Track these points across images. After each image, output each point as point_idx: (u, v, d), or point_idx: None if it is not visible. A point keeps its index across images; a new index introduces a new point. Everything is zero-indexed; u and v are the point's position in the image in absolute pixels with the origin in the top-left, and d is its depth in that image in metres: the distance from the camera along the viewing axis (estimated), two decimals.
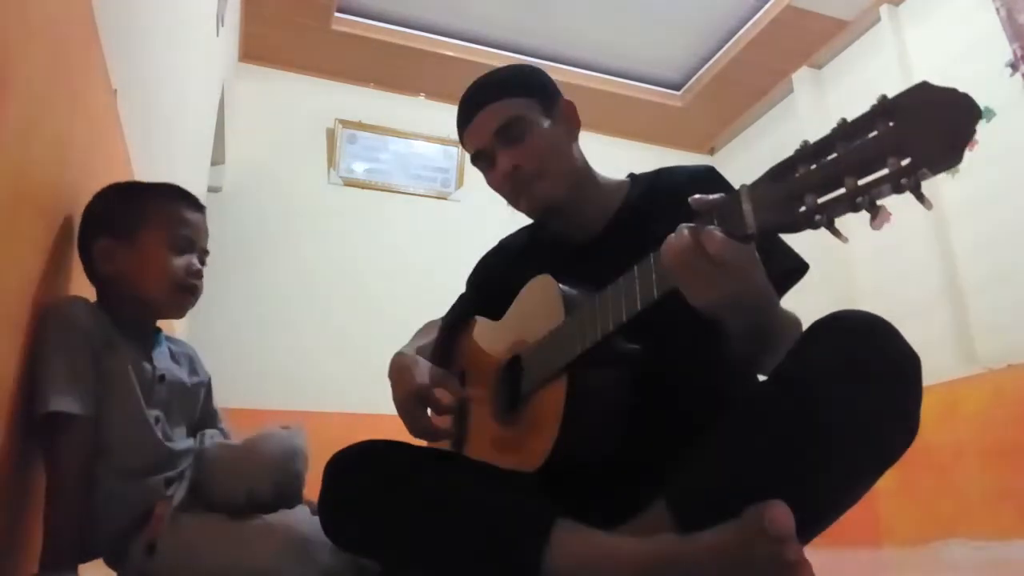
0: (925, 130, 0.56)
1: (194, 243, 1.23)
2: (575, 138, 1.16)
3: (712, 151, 5.15)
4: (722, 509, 0.75)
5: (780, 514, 0.70)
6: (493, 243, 1.37)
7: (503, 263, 1.29)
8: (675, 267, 0.76)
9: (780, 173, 0.67)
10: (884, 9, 3.76)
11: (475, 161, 1.17)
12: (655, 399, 0.93)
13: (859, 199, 0.59)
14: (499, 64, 1.17)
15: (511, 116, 1.09)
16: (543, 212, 1.12)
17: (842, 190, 0.61)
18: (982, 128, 3.19)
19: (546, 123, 1.11)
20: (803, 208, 0.64)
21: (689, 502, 0.81)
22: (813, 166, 0.64)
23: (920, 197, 0.57)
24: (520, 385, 1.03)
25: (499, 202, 1.18)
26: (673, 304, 0.78)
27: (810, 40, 4.06)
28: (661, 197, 1.10)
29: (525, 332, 1.06)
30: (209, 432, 1.27)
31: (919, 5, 3.66)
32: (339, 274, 4.01)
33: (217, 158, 3.73)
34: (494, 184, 1.15)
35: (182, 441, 1.21)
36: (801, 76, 4.27)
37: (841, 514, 0.82)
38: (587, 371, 0.91)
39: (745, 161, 4.75)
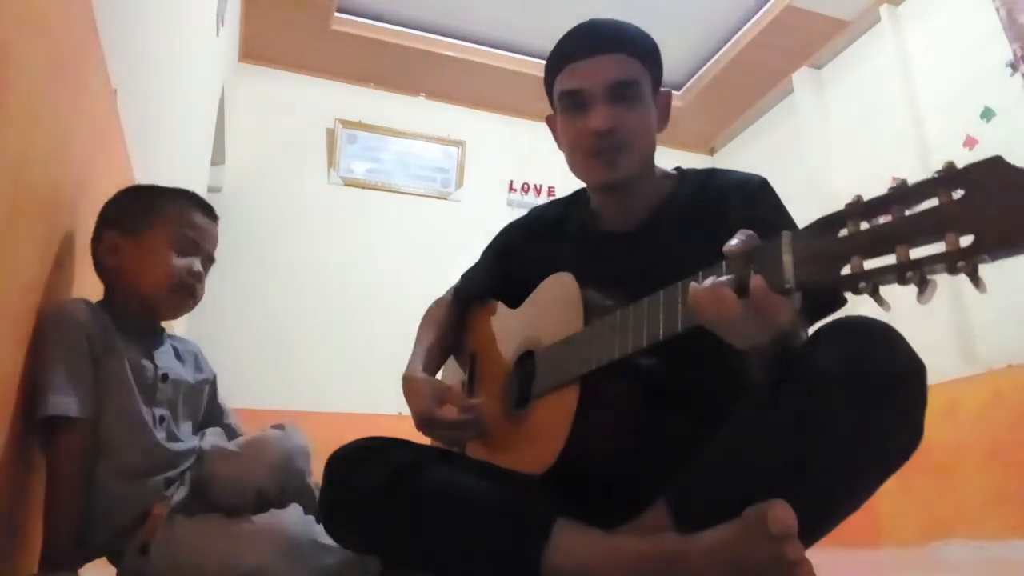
0: (992, 211, 0.52)
1: (198, 246, 1.24)
2: (661, 130, 1.11)
3: (712, 151, 5.15)
4: (722, 510, 0.75)
5: (782, 513, 0.70)
6: None
7: (532, 237, 1.24)
8: (708, 321, 0.73)
9: (826, 227, 0.63)
10: (884, 9, 3.76)
11: (563, 98, 1.07)
12: (666, 411, 0.93)
13: (909, 273, 0.55)
14: (498, 64, 1.16)
15: (633, 77, 1.04)
16: (611, 184, 1.07)
17: (892, 258, 0.57)
18: (982, 128, 3.19)
19: (651, 101, 1.08)
20: (847, 270, 0.60)
21: (690, 502, 0.81)
22: (864, 225, 0.60)
23: (976, 282, 0.53)
24: (530, 383, 1.03)
25: (499, 202, 1.17)
26: (698, 330, 0.76)
27: (810, 40, 4.06)
28: (708, 201, 1.06)
29: (541, 329, 1.05)
30: (210, 431, 1.27)
31: (919, 5, 3.65)
32: (339, 274, 4.01)
33: (217, 158, 3.72)
34: (573, 132, 1.07)
35: (187, 440, 1.21)
36: (801, 76, 4.27)
37: (844, 518, 0.82)
38: (600, 384, 0.90)
39: (745, 161, 4.75)
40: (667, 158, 1.13)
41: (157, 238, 1.20)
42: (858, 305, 0.92)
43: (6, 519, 1.02)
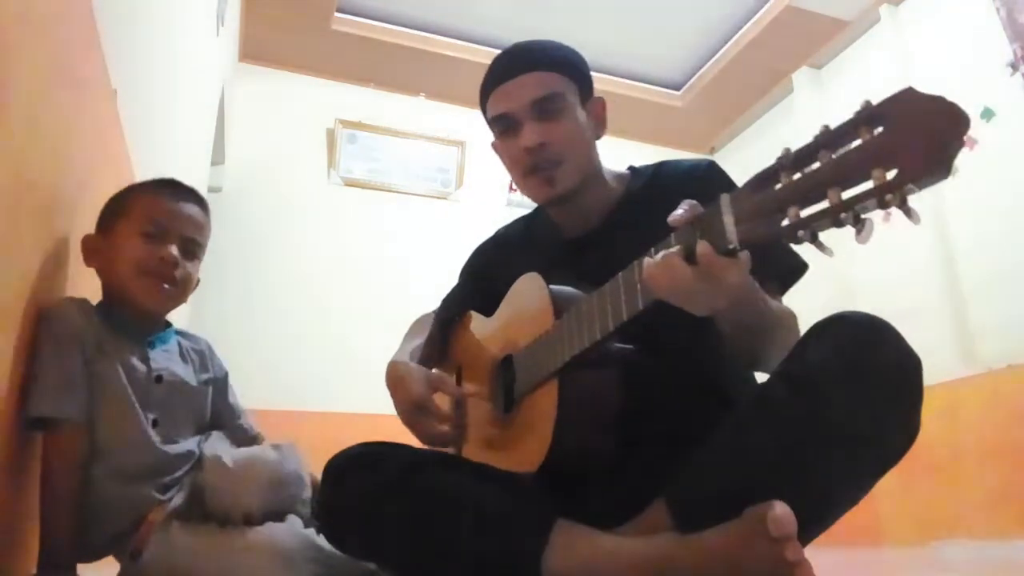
0: (911, 141, 0.53)
1: (168, 230, 1.18)
2: (599, 137, 1.13)
3: (712, 151, 5.15)
4: (721, 509, 0.75)
5: (782, 514, 0.70)
6: None
7: (500, 254, 1.27)
8: (664, 293, 0.75)
9: (762, 183, 0.65)
10: (884, 9, 3.76)
11: (495, 123, 1.11)
12: (650, 398, 0.93)
13: (843, 214, 0.57)
14: None
15: (554, 91, 1.06)
16: (553, 199, 1.09)
17: (825, 203, 0.58)
18: (982, 128, 3.19)
19: (580, 111, 1.09)
20: (786, 221, 0.61)
21: (689, 502, 0.81)
22: (796, 176, 0.61)
23: (908, 212, 0.54)
24: (514, 386, 1.03)
25: (499, 202, 1.17)
26: (663, 306, 0.78)
27: (810, 40, 4.06)
28: (660, 191, 1.08)
29: (516, 332, 1.05)
30: (214, 434, 1.25)
31: (919, 5, 3.66)
32: (339, 274, 4.01)
33: (217, 158, 3.72)
34: (510, 154, 1.10)
35: (185, 443, 1.19)
36: (801, 76, 4.27)
37: (840, 515, 0.82)
38: (578, 373, 0.90)
39: (745, 161, 4.74)
40: (667, 158, 1.14)
41: (125, 229, 1.17)
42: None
43: (5, 519, 1.02)
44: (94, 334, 1.10)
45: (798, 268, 1.00)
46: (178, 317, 1.34)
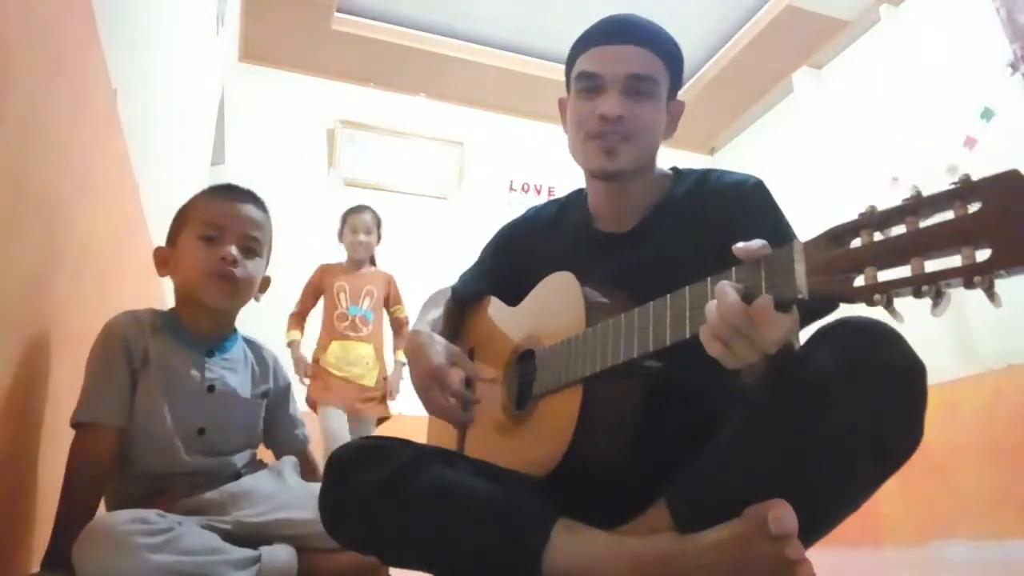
0: (1010, 225, 0.51)
1: (225, 230, 1.23)
2: (667, 137, 1.12)
3: (712, 151, 5.15)
4: (722, 510, 0.75)
5: (783, 512, 0.70)
6: None
7: (529, 236, 1.24)
8: (712, 346, 0.73)
9: (838, 237, 0.63)
10: (884, 9, 3.76)
11: (579, 79, 1.08)
12: (666, 410, 0.93)
13: (925, 287, 0.54)
14: (498, 64, 1.16)
15: (651, 74, 1.05)
16: (605, 171, 1.08)
17: (906, 271, 0.56)
18: (982, 128, 3.19)
19: (663, 105, 1.09)
20: (861, 281, 0.59)
21: (689, 502, 0.81)
22: (877, 236, 0.60)
23: (991, 297, 0.52)
24: (531, 383, 1.02)
25: (499, 202, 1.16)
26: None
27: (810, 40, 4.07)
28: (702, 202, 1.06)
29: (542, 328, 1.04)
30: (288, 461, 1.27)
31: (919, 5, 3.66)
32: None
33: (217, 158, 3.73)
34: (581, 114, 1.07)
35: (231, 452, 1.21)
36: (801, 76, 4.27)
37: (844, 518, 0.82)
38: (604, 385, 0.90)
39: (745, 161, 4.75)
40: (667, 158, 1.14)
41: (187, 236, 1.23)
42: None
43: (6, 519, 1.02)
44: (143, 345, 1.16)
45: (823, 311, 0.98)
46: None
